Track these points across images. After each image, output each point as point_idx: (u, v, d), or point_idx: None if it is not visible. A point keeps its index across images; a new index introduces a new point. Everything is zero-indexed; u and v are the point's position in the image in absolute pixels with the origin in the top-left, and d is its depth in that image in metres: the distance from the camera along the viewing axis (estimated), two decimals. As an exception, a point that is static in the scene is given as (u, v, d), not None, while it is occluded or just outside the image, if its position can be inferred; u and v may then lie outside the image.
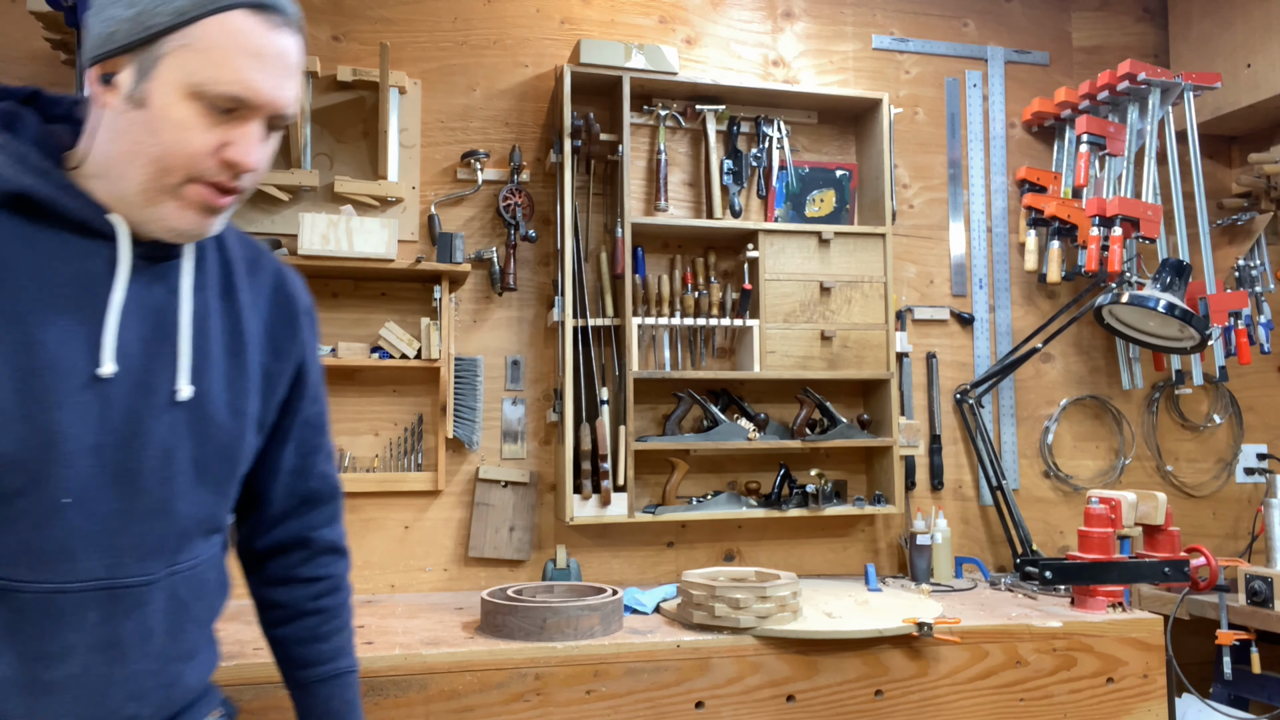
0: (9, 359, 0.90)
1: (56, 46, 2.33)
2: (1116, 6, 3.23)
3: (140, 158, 0.93)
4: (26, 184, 0.92)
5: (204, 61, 0.91)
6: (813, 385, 2.76)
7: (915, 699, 2.10)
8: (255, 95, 0.93)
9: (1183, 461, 3.14)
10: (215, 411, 1.04)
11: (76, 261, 0.95)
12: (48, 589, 0.92)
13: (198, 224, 0.97)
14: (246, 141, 0.95)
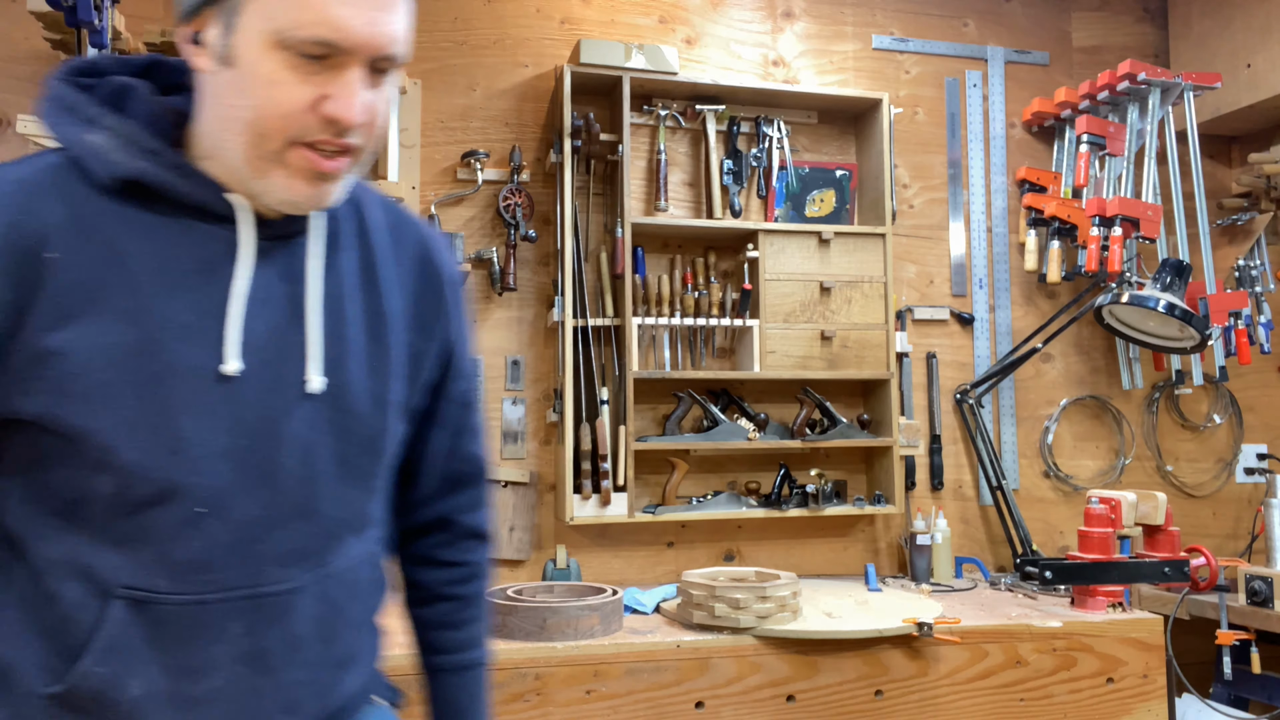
0: (129, 362, 0.82)
1: (56, 46, 2.33)
2: (1116, 6, 3.23)
3: (236, 123, 0.83)
4: (138, 167, 0.84)
5: (284, 3, 0.80)
6: (813, 385, 2.76)
7: (915, 699, 2.10)
8: (345, 35, 0.80)
9: (1183, 461, 3.14)
10: (356, 402, 0.94)
11: (196, 248, 0.86)
12: (188, 601, 0.86)
13: (311, 194, 0.86)
14: (346, 92, 0.82)
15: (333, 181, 0.86)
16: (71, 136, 0.85)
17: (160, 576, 0.85)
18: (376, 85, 0.85)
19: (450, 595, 1.15)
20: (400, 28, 0.84)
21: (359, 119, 0.83)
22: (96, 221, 0.83)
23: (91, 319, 0.82)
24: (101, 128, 0.85)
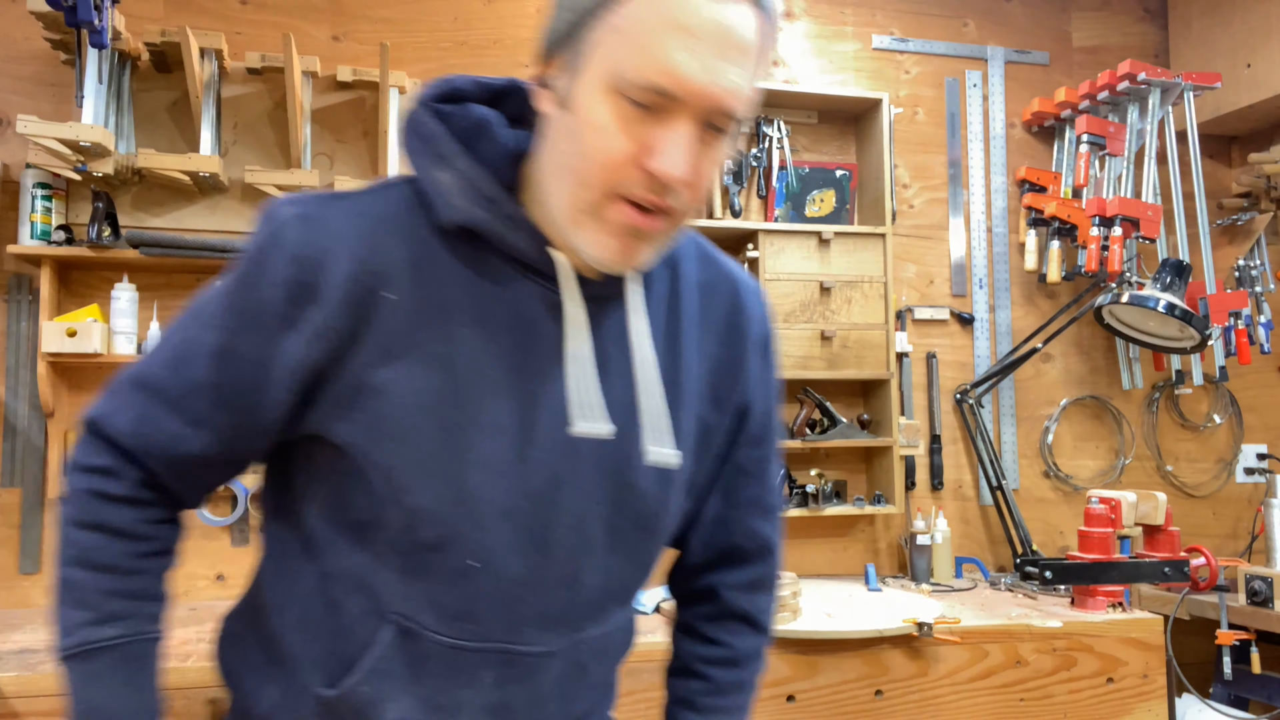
0: (436, 409, 0.82)
1: (56, 46, 2.33)
2: (1116, 6, 3.23)
3: (561, 169, 0.80)
4: (475, 215, 0.83)
5: (624, 45, 0.74)
6: (813, 385, 2.76)
7: (915, 699, 2.10)
8: (679, 84, 0.74)
9: (1183, 461, 3.14)
10: (638, 476, 0.90)
11: (512, 303, 0.85)
12: (449, 642, 0.87)
13: (620, 254, 0.80)
14: (672, 145, 0.75)
15: (646, 242, 0.81)
16: (424, 171, 0.85)
17: (428, 614, 0.87)
18: (709, 144, 0.79)
19: (701, 674, 1.09)
20: (743, 83, 0.78)
21: (682, 176, 0.76)
22: (429, 265, 0.83)
23: (411, 361, 0.82)
24: (451, 168, 0.84)
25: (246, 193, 2.49)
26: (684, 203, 0.80)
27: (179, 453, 0.86)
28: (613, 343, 0.88)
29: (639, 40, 0.74)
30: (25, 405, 2.35)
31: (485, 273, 0.84)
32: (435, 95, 0.88)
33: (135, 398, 0.86)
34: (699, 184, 0.79)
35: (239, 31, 2.55)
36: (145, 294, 2.38)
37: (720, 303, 0.98)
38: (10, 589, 2.32)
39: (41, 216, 2.28)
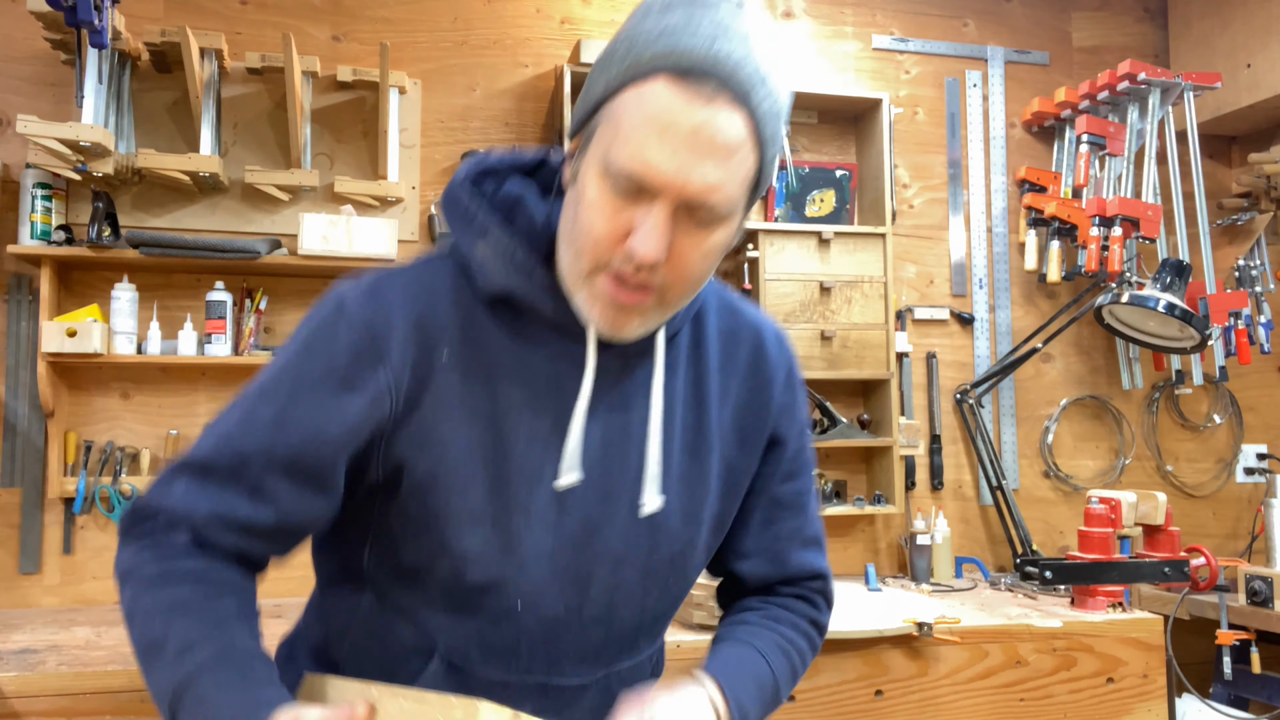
0: (486, 461, 0.90)
1: (56, 46, 2.33)
2: (1116, 6, 3.23)
3: (568, 238, 0.88)
4: (512, 284, 0.91)
5: (615, 134, 0.82)
6: (813, 385, 2.76)
7: (915, 699, 2.10)
8: (650, 174, 0.80)
9: (1183, 461, 3.14)
10: (668, 519, 0.97)
11: (549, 363, 0.92)
12: (493, 679, 0.94)
13: (608, 321, 0.87)
14: (646, 229, 0.81)
15: (631, 315, 0.87)
16: (466, 245, 0.93)
17: (474, 650, 0.94)
18: (691, 232, 0.83)
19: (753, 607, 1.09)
20: (719, 179, 0.81)
21: (651, 256, 0.81)
22: (476, 328, 0.91)
23: (463, 417, 0.90)
24: (489, 240, 0.91)
25: (246, 193, 2.49)
26: (665, 282, 0.85)
27: (239, 521, 0.88)
28: (631, 397, 0.95)
29: (626, 132, 0.81)
30: (25, 405, 2.35)
31: (523, 336, 0.92)
32: (471, 173, 0.96)
33: (186, 476, 0.89)
34: (679, 266, 0.84)
35: (239, 31, 2.55)
36: (145, 294, 2.38)
37: (743, 350, 1.04)
38: (10, 589, 2.32)
39: (41, 216, 2.28)
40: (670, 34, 0.80)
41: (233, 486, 0.87)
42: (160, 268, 2.40)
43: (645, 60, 0.80)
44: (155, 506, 0.88)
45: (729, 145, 0.80)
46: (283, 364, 0.92)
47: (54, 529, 2.35)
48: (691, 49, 0.79)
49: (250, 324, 2.41)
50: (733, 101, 0.80)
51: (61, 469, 2.33)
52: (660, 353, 0.95)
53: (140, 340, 2.36)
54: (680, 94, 0.79)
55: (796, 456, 1.07)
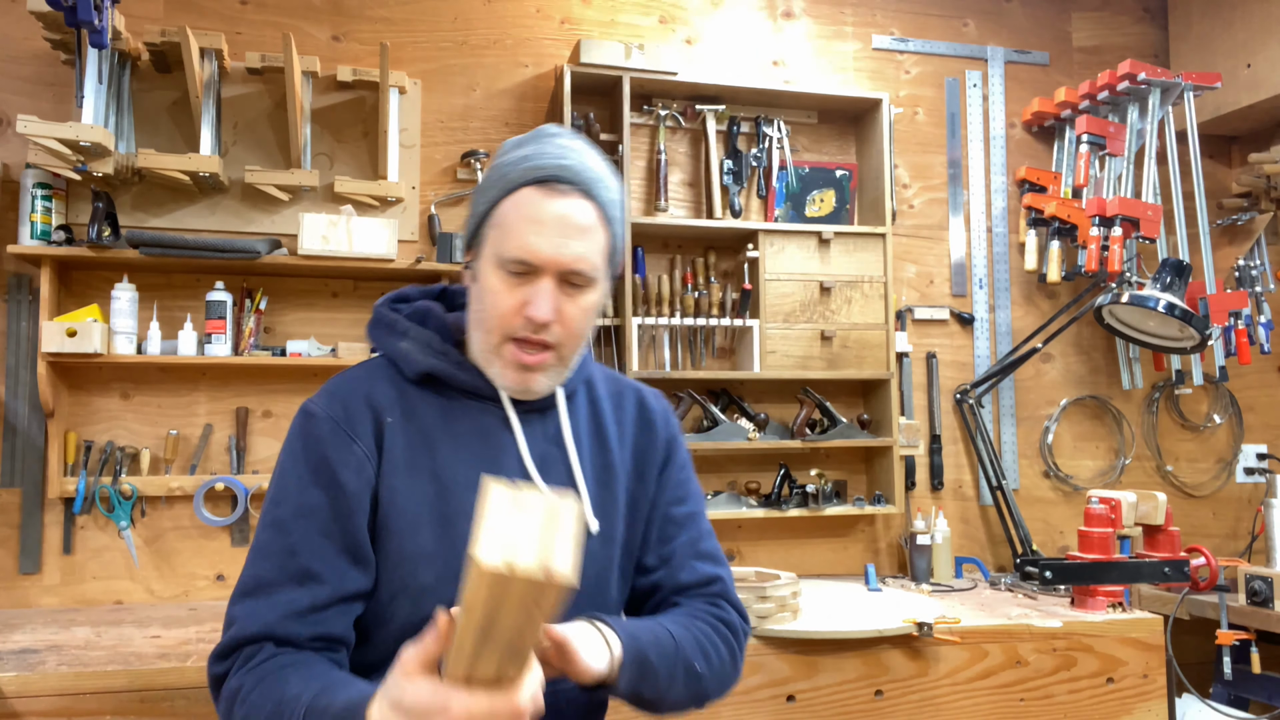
0: (431, 507, 1.09)
1: (56, 46, 2.33)
2: (1116, 6, 3.23)
3: (477, 322, 1.12)
4: (432, 364, 1.14)
5: (501, 234, 1.08)
6: (813, 385, 2.76)
7: (915, 699, 2.10)
8: (534, 255, 1.06)
9: (1183, 461, 3.14)
10: (590, 542, 1.14)
11: (474, 421, 1.14)
12: None
13: (518, 380, 1.11)
14: (539, 298, 1.07)
15: (536, 372, 1.11)
16: (391, 345, 1.17)
17: None
18: (571, 296, 1.09)
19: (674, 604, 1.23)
20: (582, 251, 1.08)
21: (545, 315, 1.07)
22: (411, 402, 1.14)
23: (409, 472, 1.10)
24: (409, 338, 1.16)
25: (246, 193, 2.49)
26: (559, 337, 1.10)
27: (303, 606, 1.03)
28: (551, 443, 1.17)
29: (509, 230, 1.08)
30: (25, 405, 2.35)
31: (450, 405, 1.15)
32: (390, 300, 1.22)
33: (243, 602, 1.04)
34: (568, 323, 1.10)
35: (239, 31, 2.55)
36: (145, 294, 2.38)
37: (629, 403, 1.28)
38: (10, 589, 2.32)
39: (41, 216, 2.28)
40: (528, 159, 1.09)
41: (284, 585, 1.03)
42: (160, 268, 2.40)
43: (514, 178, 1.09)
44: (231, 641, 1.02)
45: (586, 225, 1.09)
46: (282, 474, 1.10)
47: (54, 529, 2.35)
48: (546, 164, 1.08)
49: (250, 324, 2.41)
50: (582, 195, 1.09)
51: (61, 469, 2.33)
52: (563, 404, 1.19)
53: (140, 340, 2.36)
54: (544, 195, 1.07)
55: (683, 484, 1.28)
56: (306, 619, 1.02)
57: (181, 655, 1.82)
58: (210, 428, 2.46)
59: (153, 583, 2.40)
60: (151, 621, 2.15)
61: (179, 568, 2.41)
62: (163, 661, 1.77)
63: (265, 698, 0.96)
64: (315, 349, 2.44)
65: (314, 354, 2.43)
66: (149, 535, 2.40)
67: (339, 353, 2.43)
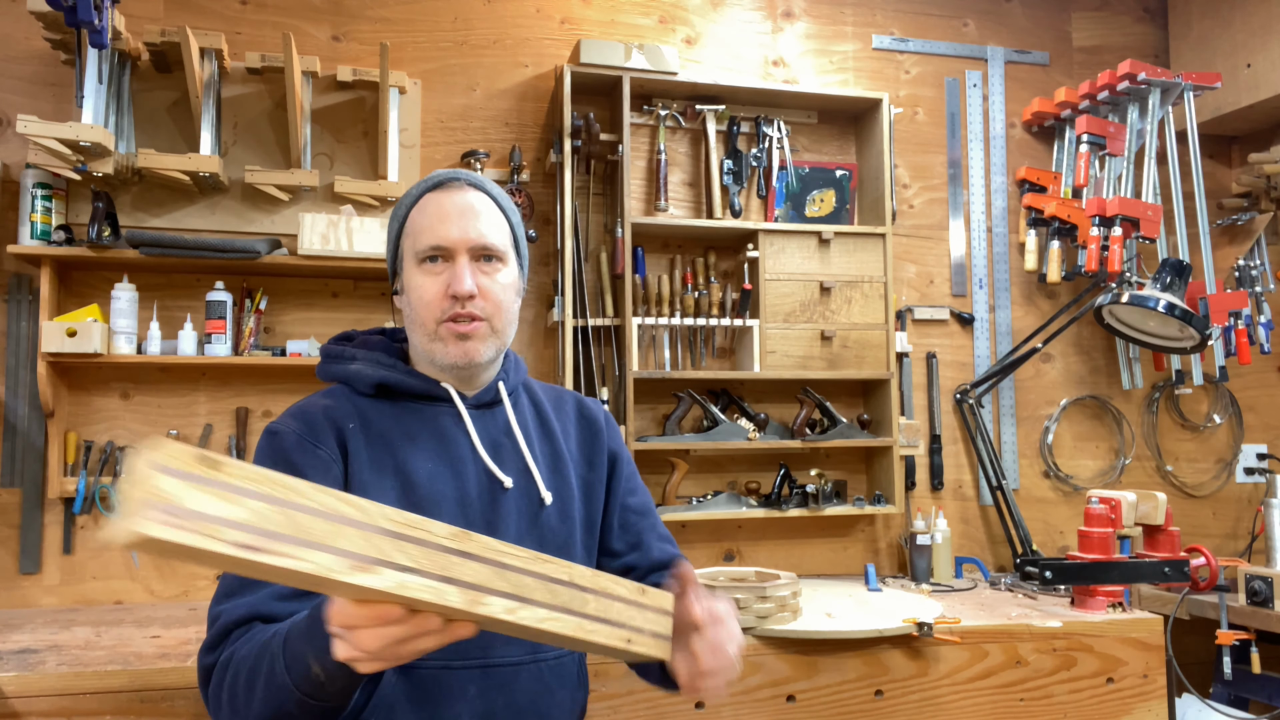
0: (401, 499, 1.17)
1: (56, 46, 2.33)
2: (1116, 6, 3.23)
3: (413, 323, 1.24)
4: (383, 375, 1.25)
5: (415, 235, 1.23)
6: (813, 385, 2.76)
7: (915, 699, 2.10)
8: (444, 239, 1.20)
9: (1183, 461, 3.14)
10: (549, 518, 1.26)
11: (429, 422, 1.24)
12: (438, 667, 1.14)
13: (460, 352, 1.21)
14: (458, 274, 1.20)
15: (473, 340, 1.22)
16: (340, 370, 1.28)
17: None
18: (487, 273, 1.23)
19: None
20: (486, 229, 1.22)
21: (470, 288, 1.19)
22: (369, 413, 1.24)
23: (374, 470, 1.19)
24: (358, 360, 1.27)
25: (246, 193, 2.49)
26: (486, 310, 1.22)
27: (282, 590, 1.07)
28: (501, 433, 1.28)
29: (420, 230, 1.23)
30: (25, 405, 2.35)
31: (403, 411, 1.25)
32: (337, 339, 1.34)
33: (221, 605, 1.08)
34: (490, 295, 1.22)
35: (239, 31, 2.55)
36: (145, 294, 2.38)
37: (568, 405, 1.41)
38: (10, 589, 2.32)
39: (41, 216, 2.28)
40: (424, 182, 1.27)
41: (264, 583, 1.05)
42: (160, 268, 2.40)
43: (415, 194, 1.26)
44: (220, 629, 1.06)
45: (484, 209, 1.24)
46: None
47: (54, 529, 2.35)
48: (440, 175, 1.26)
49: (250, 324, 2.41)
50: (475, 187, 1.26)
51: (61, 469, 2.33)
52: (506, 397, 1.30)
53: (140, 340, 2.36)
54: (444, 193, 1.24)
55: (632, 477, 1.41)
56: (291, 602, 1.06)
57: (181, 655, 1.82)
58: (210, 428, 2.46)
59: (153, 582, 2.40)
60: (151, 621, 2.15)
61: (179, 568, 2.41)
62: (163, 661, 1.77)
63: (249, 648, 1.00)
64: (315, 349, 2.44)
65: (314, 354, 2.43)
66: (149, 535, 2.40)
67: (339, 353, 2.43)
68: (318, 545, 0.68)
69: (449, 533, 0.76)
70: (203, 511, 0.63)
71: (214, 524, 0.63)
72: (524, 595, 0.81)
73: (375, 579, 0.71)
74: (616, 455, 1.39)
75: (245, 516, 0.65)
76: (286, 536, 0.67)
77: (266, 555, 0.65)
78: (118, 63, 2.35)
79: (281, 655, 0.93)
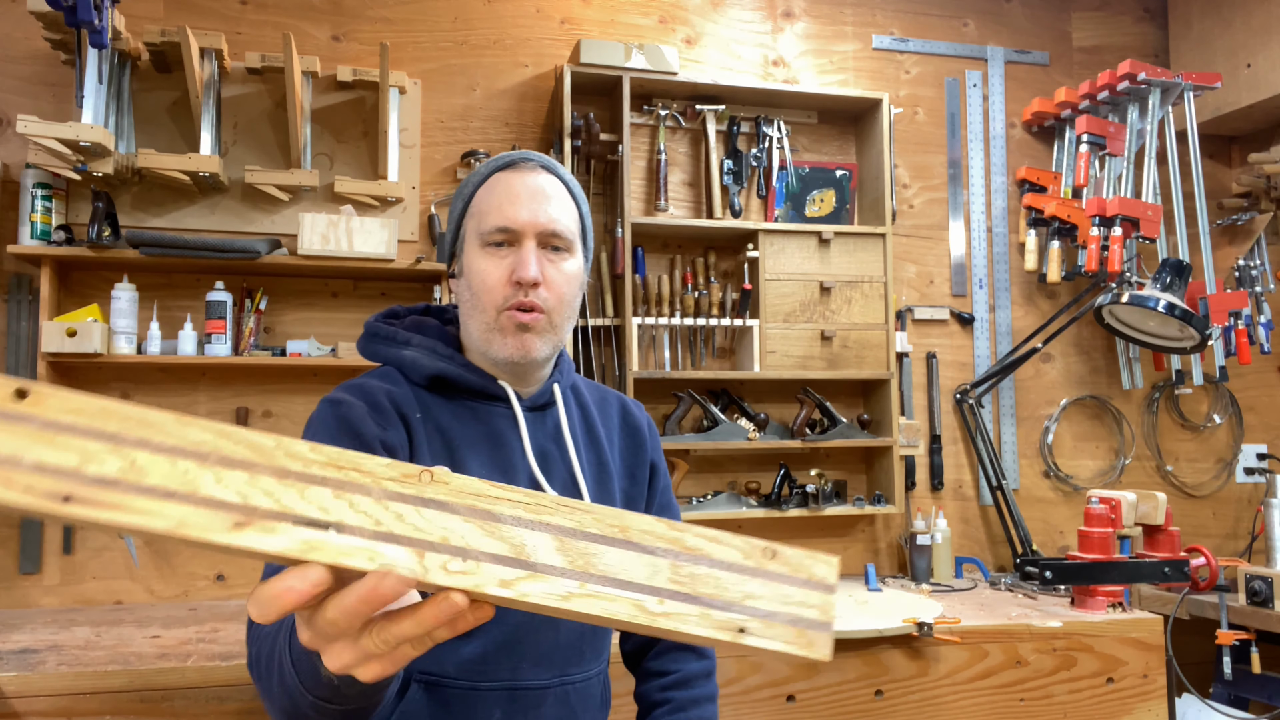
0: None
1: (56, 46, 2.33)
2: (1116, 6, 3.23)
3: (471, 311, 1.17)
4: (440, 367, 1.18)
5: (479, 217, 1.17)
6: (813, 385, 2.76)
7: (915, 699, 2.09)
8: (513, 221, 1.14)
9: (1183, 461, 3.14)
10: None
11: (484, 421, 1.18)
12: (466, 687, 1.11)
13: (519, 346, 1.15)
14: (523, 260, 1.13)
15: (531, 333, 1.15)
16: (392, 354, 1.21)
17: (449, 665, 1.11)
18: (554, 260, 1.16)
19: (660, 700, 1.30)
20: (557, 214, 1.16)
21: (535, 275, 1.12)
22: (426, 403, 1.17)
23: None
24: (412, 346, 1.20)
25: (246, 193, 2.49)
26: (549, 302, 1.15)
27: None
28: (550, 439, 1.22)
29: (485, 211, 1.16)
30: (25, 405, 2.34)
31: (458, 407, 1.18)
32: (382, 316, 1.27)
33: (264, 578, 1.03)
34: (554, 287, 1.15)
35: (239, 31, 2.55)
36: (145, 294, 2.38)
37: (613, 409, 1.35)
38: (10, 589, 2.32)
39: (41, 216, 2.28)
40: (493, 160, 1.22)
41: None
42: (160, 268, 2.40)
43: (484, 172, 1.20)
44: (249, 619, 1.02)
45: (555, 193, 1.18)
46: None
47: (54, 529, 2.35)
48: (510, 156, 1.21)
49: (250, 324, 2.41)
50: (547, 170, 1.19)
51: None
52: (560, 399, 1.23)
53: (140, 340, 2.36)
54: (514, 173, 1.18)
55: (666, 489, 1.37)
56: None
57: (181, 655, 1.82)
58: (210, 428, 2.46)
59: (153, 583, 2.40)
60: (151, 621, 2.15)
61: (179, 568, 2.41)
62: (163, 661, 1.77)
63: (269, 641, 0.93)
64: (315, 349, 2.44)
65: (314, 354, 2.43)
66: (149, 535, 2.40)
67: (339, 353, 2.43)
68: (176, 495, 0.51)
69: (399, 473, 0.53)
70: (7, 455, 0.49)
71: (18, 469, 0.49)
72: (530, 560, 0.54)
73: (266, 539, 0.51)
74: (656, 467, 1.35)
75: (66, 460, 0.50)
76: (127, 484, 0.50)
77: (91, 509, 0.50)
78: (118, 63, 2.35)
79: (288, 651, 0.82)
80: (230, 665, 1.74)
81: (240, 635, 1.96)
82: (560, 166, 1.22)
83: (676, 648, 1.33)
